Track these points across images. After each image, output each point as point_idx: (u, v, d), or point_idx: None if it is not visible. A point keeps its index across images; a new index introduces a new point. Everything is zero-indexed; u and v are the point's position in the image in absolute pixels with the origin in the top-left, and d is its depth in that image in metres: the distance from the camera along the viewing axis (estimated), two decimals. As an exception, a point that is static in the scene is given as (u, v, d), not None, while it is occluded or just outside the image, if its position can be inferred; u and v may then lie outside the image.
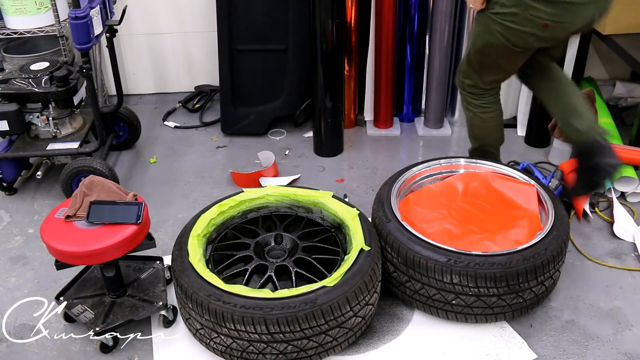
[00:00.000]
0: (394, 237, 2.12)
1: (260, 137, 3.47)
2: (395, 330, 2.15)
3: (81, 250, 1.93)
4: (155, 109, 3.81)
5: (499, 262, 2.00)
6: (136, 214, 2.01)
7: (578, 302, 2.27)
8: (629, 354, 2.06)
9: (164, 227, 2.72)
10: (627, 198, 2.80)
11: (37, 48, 3.17)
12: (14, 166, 2.95)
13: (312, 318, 1.85)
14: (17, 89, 2.78)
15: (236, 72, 3.38)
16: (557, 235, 2.12)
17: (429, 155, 3.08)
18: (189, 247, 2.08)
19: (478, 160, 2.56)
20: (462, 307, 2.07)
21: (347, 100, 3.40)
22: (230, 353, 1.94)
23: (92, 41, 2.62)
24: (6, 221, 2.80)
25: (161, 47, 3.82)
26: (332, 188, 2.93)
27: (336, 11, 2.92)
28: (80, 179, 2.65)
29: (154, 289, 2.20)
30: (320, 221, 2.34)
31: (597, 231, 2.64)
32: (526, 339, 2.10)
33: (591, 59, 3.67)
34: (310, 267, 2.11)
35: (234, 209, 2.33)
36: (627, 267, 2.43)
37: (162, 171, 3.18)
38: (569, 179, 2.64)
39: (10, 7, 2.95)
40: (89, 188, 2.10)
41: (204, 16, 3.71)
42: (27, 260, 2.56)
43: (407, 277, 2.11)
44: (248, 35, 3.31)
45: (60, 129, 2.93)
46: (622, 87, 3.61)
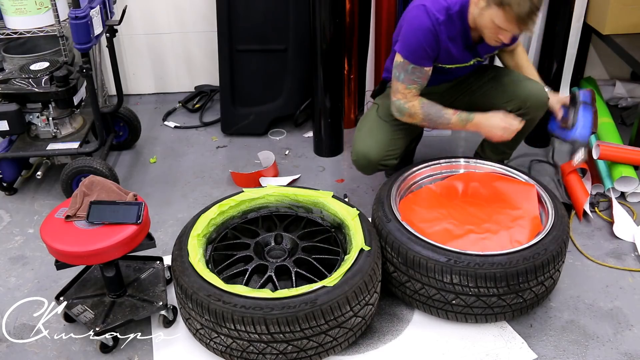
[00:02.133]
0: (394, 237, 2.12)
1: (260, 137, 3.47)
2: (395, 330, 2.15)
3: (81, 250, 1.93)
4: (155, 109, 3.81)
5: (499, 262, 2.00)
6: (136, 214, 2.01)
7: (578, 302, 2.27)
8: (629, 354, 2.06)
9: (164, 227, 2.72)
10: (627, 198, 2.80)
11: (37, 48, 3.18)
12: (14, 166, 2.95)
13: (312, 318, 1.85)
14: (17, 89, 2.78)
15: (236, 72, 3.38)
16: (557, 235, 2.12)
17: (429, 155, 3.07)
18: (189, 247, 2.08)
19: (478, 160, 2.56)
20: (462, 307, 2.07)
21: (347, 100, 3.40)
22: (230, 353, 1.94)
23: (92, 41, 2.62)
24: (6, 221, 2.80)
25: (161, 47, 3.82)
26: (332, 188, 2.94)
27: (336, 11, 2.92)
28: (80, 179, 2.65)
29: (154, 289, 2.20)
30: (320, 221, 2.34)
31: (597, 231, 2.64)
32: (526, 339, 2.10)
33: (591, 59, 3.67)
34: (310, 267, 2.11)
35: (234, 209, 2.33)
36: (627, 268, 2.43)
37: (162, 171, 3.18)
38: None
39: (10, 7, 2.95)
40: (89, 188, 2.10)
41: (204, 16, 3.71)
42: (27, 260, 2.56)
43: (407, 277, 2.11)
44: (248, 35, 3.31)
45: (60, 129, 2.93)
46: (622, 87, 3.61)
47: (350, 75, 3.36)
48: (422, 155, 3.04)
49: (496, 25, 2.13)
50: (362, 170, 2.57)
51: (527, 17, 2.05)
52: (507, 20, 2.09)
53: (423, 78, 2.33)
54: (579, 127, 2.38)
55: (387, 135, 2.49)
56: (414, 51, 2.27)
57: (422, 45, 2.25)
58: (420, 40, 2.25)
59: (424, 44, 2.25)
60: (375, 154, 2.46)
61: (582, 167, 2.86)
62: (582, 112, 2.39)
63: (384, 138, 2.48)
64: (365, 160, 2.49)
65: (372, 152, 2.46)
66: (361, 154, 2.49)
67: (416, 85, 2.34)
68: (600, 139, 2.98)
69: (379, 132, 2.49)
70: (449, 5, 2.24)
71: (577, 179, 2.82)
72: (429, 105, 2.36)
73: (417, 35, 2.25)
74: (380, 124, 2.51)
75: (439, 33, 2.24)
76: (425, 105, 2.36)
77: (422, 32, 2.24)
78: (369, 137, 2.49)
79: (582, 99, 2.47)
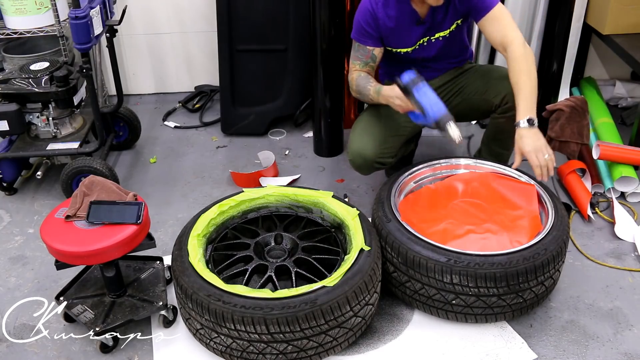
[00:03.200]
0: (394, 237, 2.12)
1: (260, 137, 3.47)
2: (395, 330, 2.15)
3: (81, 250, 1.93)
4: (155, 109, 3.81)
5: (499, 262, 2.00)
6: (136, 214, 2.01)
7: (578, 302, 2.27)
8: (629, 354, 2.06)
9: (164, 227, 2.72)
10: (627, 198, 2.80)
11: (37, 48, 3.17)
12: (14, 166, 2.95)
13: (312, 318, 1.85)
14: (17, 89, 2.78)
15: (236, 72, 3.38)
16: (557, 235, 2.12)
17: (429, 155, 3.07)
18: (189, 247, 2.07)
19: (478, 160, 2.56)
20: (462, 307, 2.07)
21: (347, 100, 3.40)
22: (230, 353, 1.94)
23: (92, 41, 2.62)
24: (6, 221, 2.80)
25: (161, 47, 3.82)
26: (332, 188, 2.94)
27: (336, 11, 2.92)
28: (80, 179, 2.65)
29: (154, 289, 2.20)
30: (320, 221, 2.34)
31: (597, 231, 2.64)
32: (526, 339, 2.10)
33: (591, 59, 3.67)
34: (310, 267, 2.11)
35: (234, 209, 2.33)
36: (627, 268, 2.43)
37: (162, 171, 3.18)
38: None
39: (10, 7, 2.94)
40: (89, 188, 2.10)
41: (204, 16, 3.71)
42: (27, 260, 2.56)
43: (407, 277, 2.11)
44: (248, 35, 3.31)
45: (60, 129, 2.93)
46: (622, 87, 3.61)
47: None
48: (422, 155, 3.04)
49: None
50: (359, 170, 2.56)
51: None
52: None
53: (366, 56, 2.47)
54: (428, 108, 2.17)
55: (381, 133, 2.50)
56: (357, 30, 2.45)
57: (361, 24, 2.41)
58: (359, 20, 2.42)
59: (363, 23, 2.41)
60: (370, 151, 2.47)
61: (582, 167, 2.87)
62: (417, 95, 2.19)
63: (379, 136, 2.49)
64: (361, 158, 2.49)
65: (368, 150, 2.47)
66: (357, 153, 2.49)
67: (359, 62, 2.49)
68: (601, 139, 2.98)
69: (374, 130, 2.49)
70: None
71: (577, 179, 2.83)
72: (361, 79, 2.47)
73: (358, 16, 2.43)
74: (375, 122, 2.52)
75: (377, 12, 2.37)
76: (358, 78, 2.47)
77: (362, 13, 2.41)
78: (364, 136, 2.50)
79: (405, 83, 2.24)
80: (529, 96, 2.20)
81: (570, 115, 2.82)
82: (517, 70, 2.23)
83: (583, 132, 2.85)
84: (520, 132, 2.18)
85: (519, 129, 2.18)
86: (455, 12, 2.39)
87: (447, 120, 2.14)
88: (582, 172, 2.89)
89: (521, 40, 2.28)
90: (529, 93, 2.20)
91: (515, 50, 2.26)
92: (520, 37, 2.28)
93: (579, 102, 2.84)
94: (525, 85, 2.20)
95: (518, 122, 2.18)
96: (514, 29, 2.30)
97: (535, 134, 2.17)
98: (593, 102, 3.26)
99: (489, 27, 2.33)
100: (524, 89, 2.20)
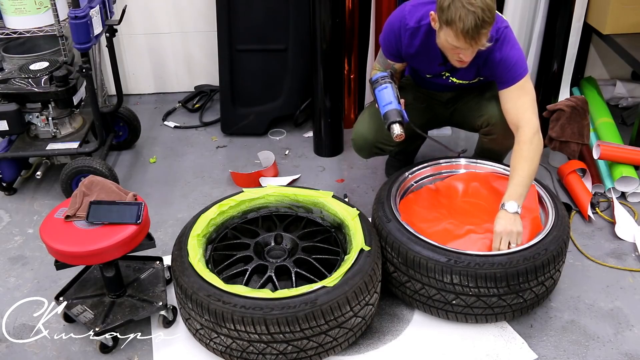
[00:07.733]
0: (394, 237, 2.12)
1: (260, 137, 3.47)
2: (395, 330, 2.15)
3: (81, 250, 1.93)
4: (155, 109, 3.81)
5: (499, 262, 2.00)
6: (136, 214, 2.01)
7: (578, 302, 2.27)
8: (630, 354, 2.05)
9: (164, 227, 2.72)
10: (628, 198, 2.80)
11: (37, 48, 3.17)
12: (14, 166, 2.95)
13: (312, 318, 1.85)
14: (16, 89, 2.78)
15: (236, 72, 3.38)
16: (558, 235, 2.12)
17: (429, 155, 3.07)
18: (188, 247, 2.07)
19: (478, 160, 2.56)
20: (462, 307, 2.07)
21: (347, 100, 3.40)
22: (230, 353, 1.94)
23: (91, 41, 2.61)
24: (6, 221, 2.80)
25: (161, 47, 3.82)
26: (332, 188, 2.93)
27: (336, 11, 2.92)
28: (80, 179, 2.65)
29: (153, 289, 2.20)
30: (320, 221, 2.34)
31: (597, 231, 2.63)
32: (526, 339, 2.10)
33: (591, 59, 3.67)
34: (310, 267, 2.11)
35: (233, 209, 2.32)
36: (628, 268, 2.43)
37: (162, 171, 3.17)
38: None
39: (9, 7, 2.94)
40: (88, 188, 2.10)
41: (204, 16, 3.71)
42: (27, 260, 2.55)
43: (407, 277, 2.11)
44: (248, 35, 3.30)
45: (59, 129, 2.93)
46: (622, 87, 3.61)
47: (350, 75, 3.35)
48: (422, 155, 3.04)
49: (450, 44, 2.13)
50: (359, 152, 2.63)
51: (474, 31, 2.03)
52: (457, 37, 2.08)
53: (387, 66, 2.50)
54: (380, 104, 2.34)
55: None
56: (382, 40, 2.47)
57: (385, 39, 2.44)
58: (385, 35, 2.43)
59: (387, 40, 2.43)
60: (372, 135, 2.53)
61: (582, 167, 2.87)
62: (376, 92, 2.38)
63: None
64: (362, 139, 2.56)
65: (370, 133, 2.54)
66: (359, 134, 2.57)
67: (379, 66, 2.53)
68: (601, 139, 2.98)
69: (379, 117, 2.49)
70: (422, 16, 2.28)
71: (578, 179, 2.82)
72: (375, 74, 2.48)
73: (386, 29, 2.42)
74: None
75: (402, 37, 2.35)
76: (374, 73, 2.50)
77: (389, 29, 2.40)
78: (369, 121, 2.56)
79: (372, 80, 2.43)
80: (522, 183, 2.17)
81: (571, 115, 2.82)
82: (520, 155, 2.21)
83: (583, 132, 2.85)
84: (499, 214, 2.15)
85: (501, 210, 2.16)
86: (479, 72, 2.38)
87: (391, 119, 2.28)
88: (582, 172, 2.89)
89: (534, 126, 2.23)
90: (523, 180, 2.18)
91: (525, 134, 2.22)
92: (534, 123, 2.24)
93: (580, 102, 2.84)
94: (522, 171, 2.18)
95: (503, 203, 2.17)
96: (531, 112, 2.26)
97: (514, 220, 2.12)
98: (593, 102, 3.26)
99: (508, 102, 2.30)
100: (520, 174, 2.18)
